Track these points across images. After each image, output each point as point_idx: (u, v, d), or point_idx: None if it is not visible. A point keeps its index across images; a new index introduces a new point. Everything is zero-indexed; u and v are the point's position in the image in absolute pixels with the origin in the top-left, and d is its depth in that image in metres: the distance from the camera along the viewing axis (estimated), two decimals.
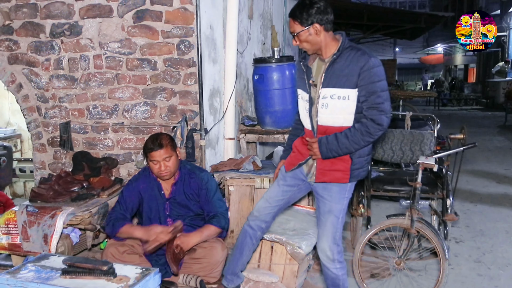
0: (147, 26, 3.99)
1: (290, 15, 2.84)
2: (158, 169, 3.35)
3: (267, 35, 6.24)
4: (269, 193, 3.20)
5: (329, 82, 2.79)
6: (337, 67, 2.77)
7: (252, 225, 3.18)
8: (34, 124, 4.33)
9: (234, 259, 3.29)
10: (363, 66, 2.71)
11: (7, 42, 4.22)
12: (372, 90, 2.71)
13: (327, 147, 2.80)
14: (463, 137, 3.96)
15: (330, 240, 2.95)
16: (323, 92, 2.80)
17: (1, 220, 3.57)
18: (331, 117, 2.83)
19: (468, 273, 4.07)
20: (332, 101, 2.79)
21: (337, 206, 2.96)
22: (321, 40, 2.81)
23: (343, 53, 2.78)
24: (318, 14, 2.75)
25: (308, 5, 2.76)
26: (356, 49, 2.78)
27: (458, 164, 3.97)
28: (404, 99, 9.42)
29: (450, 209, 4.02)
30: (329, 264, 2.97)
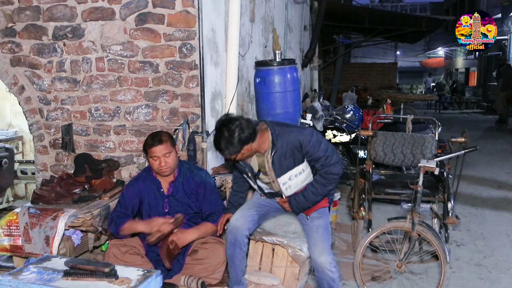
0: (149, 29, 4.00)
1: (217, 150, 2.97)
2: (158, 165, 3.39)
3: (269, 38, 6.25)
4: (249, 204, 3.35)
5: (281, 171, 3.05)
6: (279, 158, 3.01)
7: (237, 236, 3.19)
8: (36, 126, 4.34)
9: (231, 270, 3.31)
10: (302, 144, 2.97)
11: (9, 44, 4.23)
12: (318, 156, 2.99)
13: (297, 205, 3.12)
14: (465, 140, 3.96)
15: (326, 250, 3.09)
16: (281, 180, 3.08)
17: (3, 222, 3.58)
18: (297, 189, 3.13)
19: (469, 277, 4.07)
20: (291, 181, 3.08)
21: (322, 221, 3.17)
22: (254, 147, 2.98)
23: (277, 144, 2.99)
24: (241, 141, 2.86)
25: (228, 137, 2.84)
26: (287, 133, 3.01)
27: (459, 168, 3.97)
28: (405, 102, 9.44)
29: (451, 212, 4.02)
30: (328, 271, 3.05)
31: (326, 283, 3.08)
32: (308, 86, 10.32)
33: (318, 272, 3.08)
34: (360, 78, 17.45)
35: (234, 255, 3.22)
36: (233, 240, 3.19)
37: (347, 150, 6.77)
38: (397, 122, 6.52)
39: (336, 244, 4.83)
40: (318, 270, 3.08)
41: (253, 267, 3.68)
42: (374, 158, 4.36)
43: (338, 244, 4.83)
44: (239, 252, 3.21)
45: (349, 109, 7.01)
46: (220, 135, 2.87)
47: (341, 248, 4.74)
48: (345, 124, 6.75)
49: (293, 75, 4.60)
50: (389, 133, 4.39)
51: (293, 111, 4.63)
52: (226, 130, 2.85)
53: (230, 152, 2.88)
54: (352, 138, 6.63)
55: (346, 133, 6.63)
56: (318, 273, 3.09)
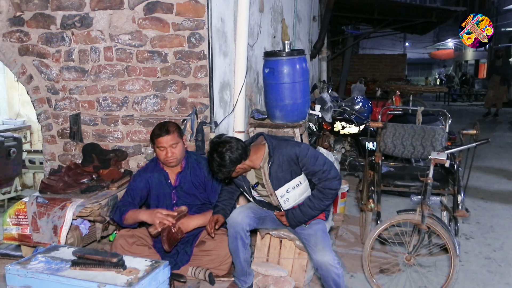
0: (158, 18, 3.97)
1: (211, 173, 3.06)
2: (164, 156, 3.38)
3: (278, 28, 6.20)
4: (248, 205, 3.39)
5: (278, 184, 3.09)
6: (276, 169, 3.06)
7: (238, 230, 3.19)
8: (44, 116, 4.33)
9: (236, 262, 3.31)
10: (298, 157, 3.03)
11: (18, 34, 4.21)
12: (315, 170, 3.04)
13: (294, 219, 3.16)
14: (476, 132, 3.91)
15: (328, 249, 3.10)
16: (279, 193, 3.12)
17: (11, 211, 3.59)
18: (295, 202, 3.17)
19: (478, 270, 4.04)
20: (289, 193, 3.12)
21: (320, 226, 3.23)
22: (248, 164, 3.03)
23: (274, 157, 3.04)
24: (233, 161, 2.91)
25: (220, 160, 2.90)
26: (282, 148, 3.05)
27: (469, 160, 3.93)
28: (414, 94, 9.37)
29: (461, 205, 3.99)
30: (333, 268, 3.06)
31: (332, 280, 3.08)
32: (316, 77, 10.27)
33: (323, 270, 3.08)
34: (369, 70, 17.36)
35: (237, 248, 3.22)
36: (235, 234, 3.19)
37: (355, 141, 6.74)
38: (406, 114, 6.47)
39: (344, 236, 4.81)
40: (322, 269, 3.08)
41: (260, 258, 3.67)
42: (384, 150, 4.32)
43: (346, 236, 4.81)
44: (241, 244, 3.20)
45: (358, 101, 6.96)
46: (212, 159, 2.93)
47: (349, 240, 4.72)
48: (354, 116, 6.70)
49: (302, 65, 4.55)
50: (399, 125, 4.34)
51: (302, 102, 4.58)
52: (216, 154, 2.91)
53: (223, 173, 2.95)
54: (361, 129, 6.59)
55: (355, 124, 6.59)
56: (322, 272, 3.09)
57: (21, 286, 2.55)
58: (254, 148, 3.07)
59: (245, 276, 3.34)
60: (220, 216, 3.27)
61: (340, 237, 4.76)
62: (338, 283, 3.08)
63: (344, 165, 6.52)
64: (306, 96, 4.66)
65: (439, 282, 3.64)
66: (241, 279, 3.35)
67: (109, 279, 2.43)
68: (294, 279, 3.56)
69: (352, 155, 6.66)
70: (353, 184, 5.97)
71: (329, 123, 6.62)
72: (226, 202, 3.35)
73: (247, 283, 3.36)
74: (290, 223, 3.18)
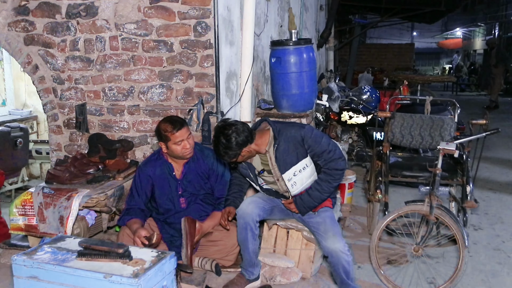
0: (163, 7, 3.93)
1: (217, 156, 3.02)
2: (183, 148, 3.36)
3: (284, 17, 6.15)
4: (256, 195, 3.37)
5: (285, 167, 3.08)
6: (282, 152, 3.05)
7: (248, 221, 3.18)
8: (50, 106, 4.31)
9: (244, 254, 3.30)
10: (303, 138, 3.02)
11: (23, 23, 4.19)
12: (321, 150, 3.03)
13: (303, 205, 3.13)
14: (485, 122, 3.86)
15: (339, 236, 3.09)
16: (286, 176, 3.10)
17: (18, 201, 3.59)
18: (303, 186, 3.15)
19: (487, 261, 4.01)
20: (297, 177, 3.10)
21: (328, 213, 3.22)
22: (253, 148, 3.03)
23: (279, 139, 3.04)
24: (239, 144, 2.91)
25: (226, 142, 2.89)
26: (288, 128, 3.08)
27: (478, 150, 3.88)
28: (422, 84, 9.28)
29: (470, 196, 3.95)
30: (343, 255, 3.04)
31: (342, 267, 3.05)
32: (323, 66, 10.21)
33: (333, 257, 3.06)
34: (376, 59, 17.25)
35: (246, 239, 3.20)
36: (245, 225, 3.18)
37: (363, 131, 6.69)
38: (414, 104, 6.40)
39: (351, 226, 4.79)
40: (332, 256, 3.05)
41: (267, 249, 3.65)
42: (391, 140, 4.28)
43: (353, 227, 4.79)
44: (251, 235, 3.19)
45: (365, 90, 6.91)
46: (218, 142, 2.93)
47: (356, 231, 4.69)
48: (362, 106, 6.65)
49: (309, 55, 4.50)
50: (407, 115, 4.29)
51: (309, 92, 4.54)
52: (222, 136, 2.90)
53: (229, 156, 2.94)
54: (368, 119, 6.54)
55: (363, 114, 6.54)
56: (333, 259, 3.07)
57: (27, 276, 2.54)
58: (259, 133, 3.06)
59: (253, 267, 3.33)
60: (231, 208, 3.26)
61: (347, 227, 4.73)
62: (347, 270, 3.06)
63: (351, 156, 6.49)
64: (313, 86, 4.62)
65: (447, 273, 3.61)
66: (248, 270, 3.33)
67: (115, 270, 2.42)
68: (301, 270, 3.54)
69: (360, 146, 6.62)
70: (360, 174, 5.93)
71: (336, 113, 6.58)
72: (236, 195, 3.33)
73: (254, 274, 3.35)
74: (299, 209, 3.15)
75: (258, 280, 3.38)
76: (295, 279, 3.46)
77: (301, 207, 3.14)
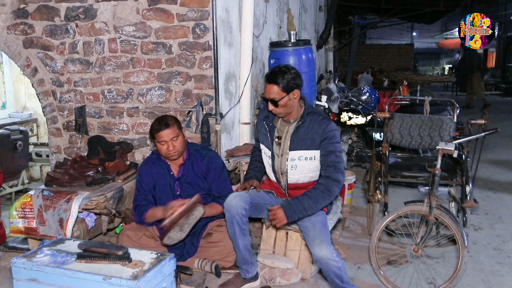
0: (162, 9, 3.94)
1: (270, 81, 3.02)
2: (166, 150, 3.36)
3: (283, 18, 6.16)
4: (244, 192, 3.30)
5: (296, 145, 3.10)
6: (302, 131, 3.09)
7: (233, 214, 3.15)
8: (50, 108, 4.32)
9: (236, 250, 3.29)
10: (325, 129, 3.04)
11: (22, 26, 4.20)
12: (331, 149, 3.03)
13: (289, 209, 2.97)
14: (484, 122, 3.86)
15: (326, 243, 3.04)
16: (291, 155, 3.12)
17: (18, 204, 3.59)
18: (301, 176, 3.16)
19: (487, 261, 4.00)
20: (300, 162, 3.11)
21: (319, 217, 3.13)
22: (296, 104, 3.10)
23: (306, 118, 3.09)
24: (297, 79, 3.03)
25: (286, 71, 3.01)
26: (317, 114, 3.12)
27: (478, 150, 3.88)
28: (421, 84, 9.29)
29: (470, 195, 3.94)
30: (332, 261, 3.02)
31: (333, 273, 3.04)
32: (323, 67, 10.21)
33: (322, 264, 3.05)
34: (376, 60, 17.23)
35: (235, 233, 3.18)
36: (231, 218, 3.16)
37: (362, 132, 6.69)
38: (414, 104, 6.40)
39: (351, 227, 4.79)
40: (321, 263, 3.05)
41: (267, 250, 3.65)
42: (391, 141, 4.28)
43: (353, 227, 4.79)
44: (238, 229, 3.16)
45: (365, 91, 6.91)
46: (278, 70, 3.04)
47: (356, 231, 4.69)
48: (361, 106, 6.65)
49: (308, 56, 4.51)
50: (406, 115, 4.29)
51: (308, 93, 4.54)
52: (285, 68, 3.02)
53: (284, 86, 2.99)
54: (367, 120, 6.54)
55: (362, 115, 6.54)
56: (322, 266, 3.06)
57: (27, 279, 2.55)
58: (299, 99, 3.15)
59: (247, 265, 3.31)
60: (253, 180, 3.31)
61: (347, 228, 4.73)
62: (339, 275, 3.04)
63: (351, 156, 6.49)
64: (312, 87, 4.63)
65: (447, 273, 3.61)
66: (243, 268, 3.32)
67: (115, 272, 2.42)
68: (301, 271, 3.54)
69: (359, 146, 6.62)
70: (360, 175, 5.93)
71: (335, 114, 6.58)
72: (256, 169, 3.40)
73: (249, 273, 3.33)
74: (287, 214, 2.96)
75: (257, 281, 3.37)
76: (294, 280, 3.46)
77: (287, 209, 2.97)
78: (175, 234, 3.25)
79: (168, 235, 3.22)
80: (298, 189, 3.22)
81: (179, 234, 3.26)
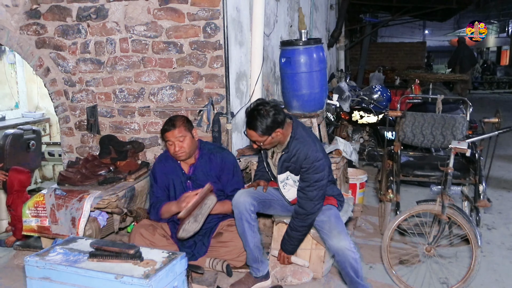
0: (173, 9, 3.94)
1: (249, 127, 3.02)
2: (173, 150, 3.37)
3: (294, 17, 6.14)
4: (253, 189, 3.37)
5: (283, 169, 3.15)
6: (285, 158, 3.10)
7: (241, 210, 3.17)
8: (62, 108, 4.35)
9: (246, 248, 3.29)
10: (306, 159, 3.01)
11: (34, 26, 4.23)
12: (307, 179, 3.03)
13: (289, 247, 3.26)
14: (498, 121, 3.82)
15: (344, 234, 3.07)
16: (280, 178, 3.20)
17: (31, 203, 3.62)
18: (293, 195, 3.21)
19: (500, 261, 3.96)
20: (288, 181, 3.19)
21: (331, 212, 3.19)
22: (280, 136, 3.06)
23: (292, 145, 3.07)
24: (275, 122, 2.96)
25: (263, 115, 2.94)
26: (304, 143, 3.05)
27: (491, 149, 3.84)
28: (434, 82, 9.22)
29: (483, 195, 3.90)
30: (350, 252, 3.02)
31: (349, 265, 3.03)
32: (334, 66, 10.17)
33: (339, 256, 3.04)
34: (387, 58, 17.13)
35: (244, 231, 3.18)
36: (239, 215, 3.17)
37: (374, 131, 6.66)
38: (426, 103, 6.36)
39: (363, 226, 4.76)
40: (339, 254, 3.04)
41: (277, 249, 3.64)
42: (403, 139, 4.25)
43: (365, 226, 4.77)
44: (248, 226, 3.17)
45: (376, 90, 6.87)
46: (255, 113, 2.97)
47: (368, 231, 4.67)
48: (372, 105, 6.61)
49: (319, 54, 4.49)
50: (418, 114, 4.26)
51: (319, 92, 4.52)
52: (262, 109, 2.95)
53: (263, 131, 2.96)
54: (379, 119, 6.51)
55: (373, 114, 6.51)
56: (339, 257, 3.05)
57: (40, 277, 2.57)
58: (286, 125, 3.09)
59: (257, 263, 3.29)
60: (260, 180, 3.38)
61: (359, 227, 4.71)
62: (355, 268, 3.03)
63: (362, 155, 6.45)
64: (323, 86, 4.60)
65: (460, 273, 3.58)
66: (253, 267, 3.31)
67: (126, 271, 2.43)
68: (312, 270, 3.53)
69: (371, 145, 6.59)
70: (372, 174, 5.90)
71: (347, 113, 6.55)
72: (264, 170, 3.41)
73: (260, 271, 3.31)
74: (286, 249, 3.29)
75: (268, 280, 3.36)
76: (306, 280, 3.44)
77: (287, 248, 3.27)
78: (190, 225, 3.24)
79: (183, 227, 3.22)
80: None
81: (194, 225, 3.25)
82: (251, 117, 2.99)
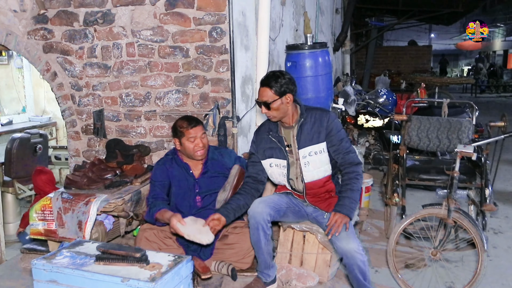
0: (179, 13, 3.97)
1: (263, 84, 3.09)
2: (195, 146, 3.40)
3: (300, 21, 6.15)
4: (268, 196, 3.39)
5: (303, 143, 3.16)
6: (305, 128, 3.16)
7: (259, 220, 3.14)
8: (69, 112, 4.38)
9: (258, 255, 3.27)
10: (328, 121, 3.13)
11: (42, 31, 4.26)
12: (340, 138, 3.14)
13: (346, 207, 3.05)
14: (504, 124, 3.82)
15: (352, 236, 3.05)
16: (302, 153, 3.17)
17: (37, 206, 3.64)
18: (316, 172, 3.18)
19: (507, 265, 3.95)
20: (311, 157, 3.15)
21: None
22: (289, 109, 3.13)
23: (306, 115, 3.17)
24: (290, 85, 3.08)
25: (280, 76, 3.07)
26: (314, 110, 3.21)
27: (497, 153, 3.83)
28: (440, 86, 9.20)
29: (489, 199, 3.90)
30: (358, 255, 3.01)
31: (357, 268, 3.02)
32: (339, 70, 10.18)
33: (348, 258, 3.03)
34: (393, 62, 17.14)
35: (259, 240, 3.18)
36: (256, 225, 3.15)
37: (380, 135, 6.66)
38: (432, 106, 6.35)
39: (369, 230, 4.76)
40: (347, 257, 3.03)
41: (283, 254, 3.64)
42: (408, 143, 4.25)
43: (370, 230, 4.76)
44: (263, 235, 3.16)
45: (382, 93, 6.87)
46: (272, 73, 3.11)
47: (373, 234, 4.67)
48: (378, 109, 6.62)
49: (324, 58, 4.50)
50: (424, 118, 4.26)
51: (325, 96, 4.54)
52: (280, 73, 3.09)
53: (277, 89, 3.04)
54: (385, 122, 6.50)
55: (379, 117, 6.51)
56: (347, 260, 3.04)
57: (47, 280, 2.58)
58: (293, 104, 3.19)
59: (268, 269, 3.31)
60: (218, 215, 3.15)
61: (365, 231, 4.71)
62: (363, 270, 3.03)
63: (368, 159, 6.45)
64: (329, 90, 4.61)
65: (466, 277, 3.56)
66: (264, 273, 3.32)
67: (133, 274, 2.44)
68: (318, 274, 3.53)
69: (376, 149, 6.59)
70: (377, 178, 5.90)
71: (352, 117, 6.55)
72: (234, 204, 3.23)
73: (270, 277, 3.33)
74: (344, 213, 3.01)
75: (274, 284, 3.37)
76: (311, 283, 3.44)
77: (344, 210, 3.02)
78: (220, 195, 3.42)
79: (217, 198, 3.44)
80: (316, 189, 3.22)
81: (223, 195, 3.42)
82: (268, 76, 3.11)
